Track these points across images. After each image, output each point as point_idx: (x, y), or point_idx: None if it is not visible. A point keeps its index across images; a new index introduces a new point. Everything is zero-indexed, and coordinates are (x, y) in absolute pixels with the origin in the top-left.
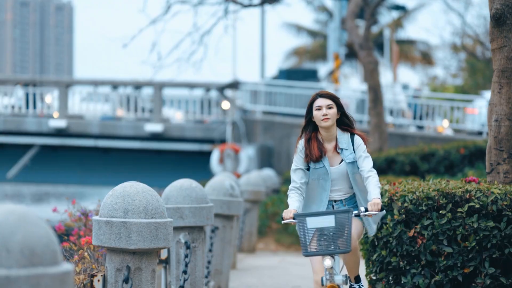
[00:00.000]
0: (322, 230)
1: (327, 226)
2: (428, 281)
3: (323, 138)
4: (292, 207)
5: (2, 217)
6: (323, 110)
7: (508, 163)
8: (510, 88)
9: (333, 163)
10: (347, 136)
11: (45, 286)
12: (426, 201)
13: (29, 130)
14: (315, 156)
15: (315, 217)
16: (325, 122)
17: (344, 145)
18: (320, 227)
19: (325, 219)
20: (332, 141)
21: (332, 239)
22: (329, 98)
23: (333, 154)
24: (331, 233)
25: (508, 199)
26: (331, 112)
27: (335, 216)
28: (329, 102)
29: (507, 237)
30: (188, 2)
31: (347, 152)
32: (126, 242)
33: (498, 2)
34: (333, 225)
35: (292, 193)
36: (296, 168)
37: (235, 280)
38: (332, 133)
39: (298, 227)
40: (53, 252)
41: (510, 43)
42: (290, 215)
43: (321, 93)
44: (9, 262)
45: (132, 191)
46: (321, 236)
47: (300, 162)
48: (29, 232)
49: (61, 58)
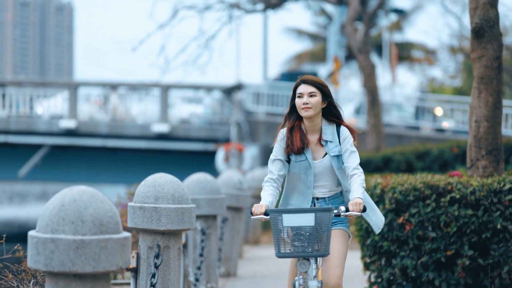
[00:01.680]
0: (298, 229)
1: (305, 225)
2: (415, 262)
3: (306, 129)
4: (264, 202)
5: (77, 196)
6: (304, 98)
7: (486, 159)
8: (487, 93)
9: (316, 156)
10: (333, 127)
11: (111, 248)
12: (413, 192)
13: (40, 130)
14: (297, 148)
15: (293, 214)
16: (305, 111)
17: (328, 137)
18: (297, 225)
19: (304, 217)
20: (316, 133)
21: (308, 240)
22: (312, 84)
23: (317, 146)
24: (307, 233)
25: (485, 190)
26: (314, 100)
27: (315, 214)
28: (312, 90)
29: (484, 224)
30: (194, 8)
31: (331, 145)
32: (157, 224)
33: (478, 17)
34: (312, 225)
35: (267, 185)
36: (275, 158)
37: (242, 267)
38: (315, 124)
39: (272, 224)
40: (116, 223)
41: (487, 53)
42: (261, 210)
43: (305, 78)
44: (84, 230)
45: (162, 181)
46: (296, 236)
47: (280, 153)
48: (98, 207)
49: (61, 58)
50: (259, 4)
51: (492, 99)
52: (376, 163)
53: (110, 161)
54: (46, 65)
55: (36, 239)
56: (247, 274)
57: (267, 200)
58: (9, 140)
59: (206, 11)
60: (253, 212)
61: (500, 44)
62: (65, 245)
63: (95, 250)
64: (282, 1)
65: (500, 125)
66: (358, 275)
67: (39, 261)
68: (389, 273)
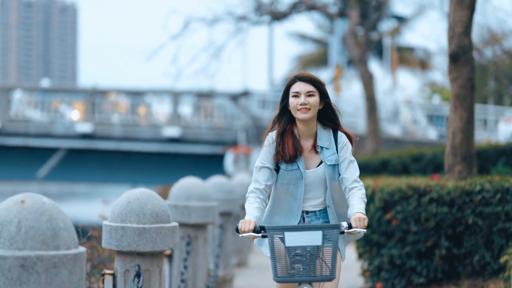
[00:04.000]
0: (299, 249)
1: (311, 245)
2: (400, 252)
3: (300, 133)
4: (250, 217)
5: (138, 195)
6: (301, 98)
7: (461, 165)
8: (462, 109)
9: (310, 165)
10: (329, 132)
11: (164, 234)
12: (398, 193)
13: (57, 134)
14: (289, 156)
15: (297, 232)
16: (303, 113)
17: (325, 143)
18: (302, 245)
19: (310, 236)
20: (310, 138)
21: (310, 262)
22: (310, 82)
23: (311, 154)
24: (309, 254)
25: (459, 191)
26: (312, 101)
27: (322, 232)
28: (310, 89)
29: (458, 219)
30: (203, 21)
31: (328, 152)
32: (188, 218)
33: (454, 44)
34: (319, 244)
35: (252, 197)
36: (262, 166)
37: (252, 259)
38: (311, 128)
39: (270, 244)
40: (167, 215)
41: (462, 75)
42: (249, 227)
43: (301, 75)
44: (144, 220)
45: (191, 183)
46: (296, 257)
47: (268, 160)
48: (155, 203)
49: (65, 59)
50: (265, 16)
51: (466, 114)
52: (374, 165)
53: (123, 164)
54: (50, 66)
55: (109, 227)
56: (256, 265)
57: (253, 215)
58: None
59: (215, 23)
60: (240, 229)
61: (473, 67)
62: (131, 231)
63: (153, 235)
64: (287, 13)
65: (473, 136)
66: (353, 265)
67: (111, 243)
68: (379, 261)
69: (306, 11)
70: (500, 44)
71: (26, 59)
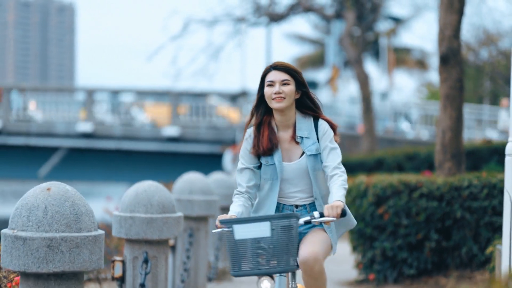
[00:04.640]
0: (258, 241)
1: (261, 237)
2: (392, 244)
3: (278, 124)
4: (232, 213)
5: (147, 187)
6: (276, 87)
7: (450, 162)
8: (452, 109)
9: (292, 157)
10: (310, 121)
11: (170, 223)
12: (390, 188)
13: (58, 133)
14: (263, 148)
15: (245, 225)
16: (278, 102)
17: (304, 133)
18: (252, 237)
19: (257, 227)
20: (289, 128)
21: (271, 254)
22: (285, 71)
23: (291, 145)
24: (270, 246)
25: (448, 187)
26: (287, 89)
27: (270, 223)
28: (285, 77)
29: (447, 214)
30: (203, 22)
31: (308, 142)
32: (191, 211)
33: (444, 46)
34: (269, 235)
35: (236, 197)
36: (242, 167)
37: None
38: (288, 118)
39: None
40: (173, 206)
41: (452, 76)
42: None
43: (276, 64)
44: (152, 210)
45: (194, 178)
46: (256, 250)
47: (247, 159)
48: (161, 195)
49: (63, 59)
50: (263, 17)
51: (455, 113)
52: (369, 164)
53: (124, 163)
54: (48, 66)
55: (119, 217)
56: None
57: (235, 211)
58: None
59: (214, 24)
60: (216, 224)
61: (462, 68)
62: (140, 221)
63: (159, 224)
64: (284, 15)
65: (462, 135)
66: (347, 258)
67: (121, 232)
68: (371, 254)
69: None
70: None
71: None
